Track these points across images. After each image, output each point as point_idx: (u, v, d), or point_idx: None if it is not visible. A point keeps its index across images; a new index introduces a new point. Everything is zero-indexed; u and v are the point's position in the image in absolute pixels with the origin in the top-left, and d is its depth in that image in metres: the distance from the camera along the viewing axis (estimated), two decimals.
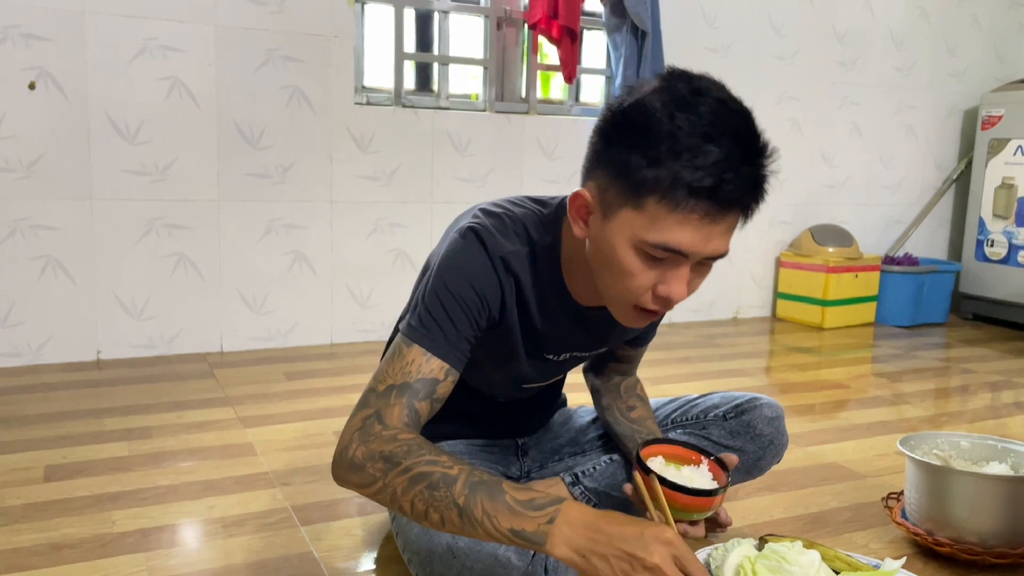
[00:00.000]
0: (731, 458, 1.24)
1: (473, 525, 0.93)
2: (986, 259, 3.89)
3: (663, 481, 1.14)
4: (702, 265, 1.04)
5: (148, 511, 1.57)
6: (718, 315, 3.78)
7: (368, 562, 1.40)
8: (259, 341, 2.87)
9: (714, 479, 1.22)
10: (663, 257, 0.99)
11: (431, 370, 1.07)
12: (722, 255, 1.02)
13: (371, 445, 1.01)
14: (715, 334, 3.48)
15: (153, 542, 1.44)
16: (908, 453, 1.49)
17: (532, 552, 1.17)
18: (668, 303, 1.03)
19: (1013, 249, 3.77)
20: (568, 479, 1.42)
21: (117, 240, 2.66)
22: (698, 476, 1.21)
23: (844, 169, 3.98)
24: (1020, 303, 3.73)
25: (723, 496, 1.17)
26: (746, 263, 3.80)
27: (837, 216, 3.95)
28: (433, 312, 1.09)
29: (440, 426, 1.43)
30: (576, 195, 1.06)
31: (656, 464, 1.21)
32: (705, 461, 1.25)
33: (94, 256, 2.63)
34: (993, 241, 3.86)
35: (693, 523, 1.17)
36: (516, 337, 1.22)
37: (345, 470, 1.05)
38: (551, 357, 1.29)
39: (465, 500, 0.93)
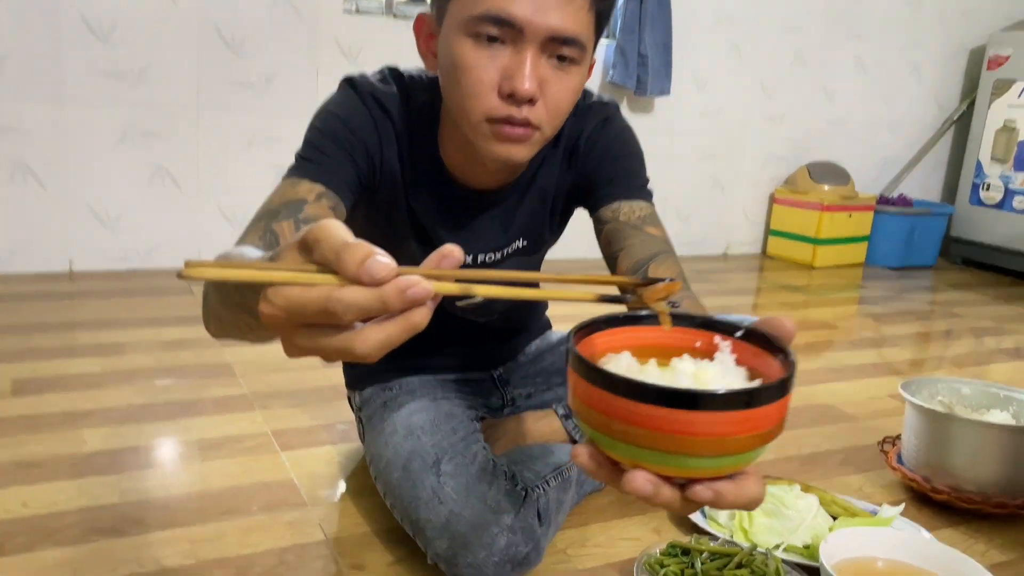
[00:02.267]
0: (781, 324, 0.57)
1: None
2: (980, 203, 3.84)
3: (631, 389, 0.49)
4: (554, 59, 0.95)
5: (121, 430, 1.50)
6: (708, 251, 3.72)
7: (349, 492, 1.35)
8: None
9: (752, 374, 0.56)
10: (497, 36, 0.92)
11: (296, 192, 0.97)
12: (570, 38, 0.93)
13: None
14: (704, 270, 3.43)
15: (125, 463, 1.38)
16: (910, 398, 1.45)
17: (523, 496, 1.12)
18: (515, 97, 0.94)
19: (1009, 194, 3.72)
20: (561, 411, 1.37)
21: (90, 146, 2.53)
22: (717, 374, 0.56)
23: (845, 105, 3.88)
24: (1012, 249, 3.70)
25: (787, 402, 0.51)
26: (739, 199, 3.72)
27: (835, 154, 3.86)
28: (306, 153, 1.02)
29: (405, 359, 1.36)
30: (417, 18, 1.03)
31: (615, 364, 0.56)
32: (727, 344, 0.58)
33: (66, 162, 2.51)
34: (989, 185, 3.80)
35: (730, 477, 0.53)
36: (400, 212, 1.14)
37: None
38: None
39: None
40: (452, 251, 0.50)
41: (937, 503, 1.41)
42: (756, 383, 0.55)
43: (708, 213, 3.62)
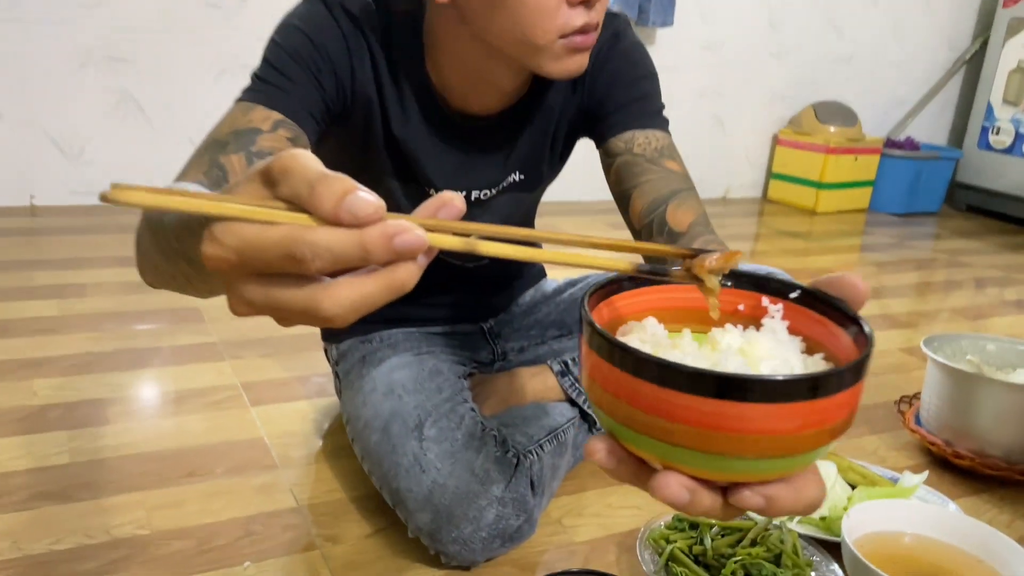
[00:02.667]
0: (850, 283, 0.46)
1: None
2: (989, 148, 3.70)
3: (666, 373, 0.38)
4: None
5: (75, 381, 1.38)
6: (707, 194, 3.57)
7: (324, 453, 1.23)
8: None
9: (810, 346, 0.47)
10: None
11: (249, 120, 0.83)
12: None
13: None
14: None
15: (79, 418, 1.26)
16: (933, 355, 1.34)
17: (515, 464, 1.00)
18: (589, 3, 0.85)
19: (1020, 138, 3.58)
20: (556, 367, 1.25)
21: (50, 71, 2.34)
22: (769, 348, 0.44)
23: (853, 42, 3.70)
24: (1020, 195, 3.58)
25: (861, 388, 0.41)
26: (740, 139, 3.57)
27: (841, 93, 3.69)
28: (262, 73, 0.89)
29: (386, 309, 1.24)
30: None
31: (640, 335, 0.47)
32: (777, 308, 0.47)
33: (24, 89, 2.33)
34: (999, 129, 3.65)
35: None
36: (378, 142, 1.00)
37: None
38: (433, 193, 1.05)
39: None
40: (452, 199, 0.39)
41: (959, 469, 1.32)
42: (818, 361, 0.45)
43: (708, 154, 3.47)
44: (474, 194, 1.08)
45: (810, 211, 3.48)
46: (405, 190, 1.06)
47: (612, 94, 1.04)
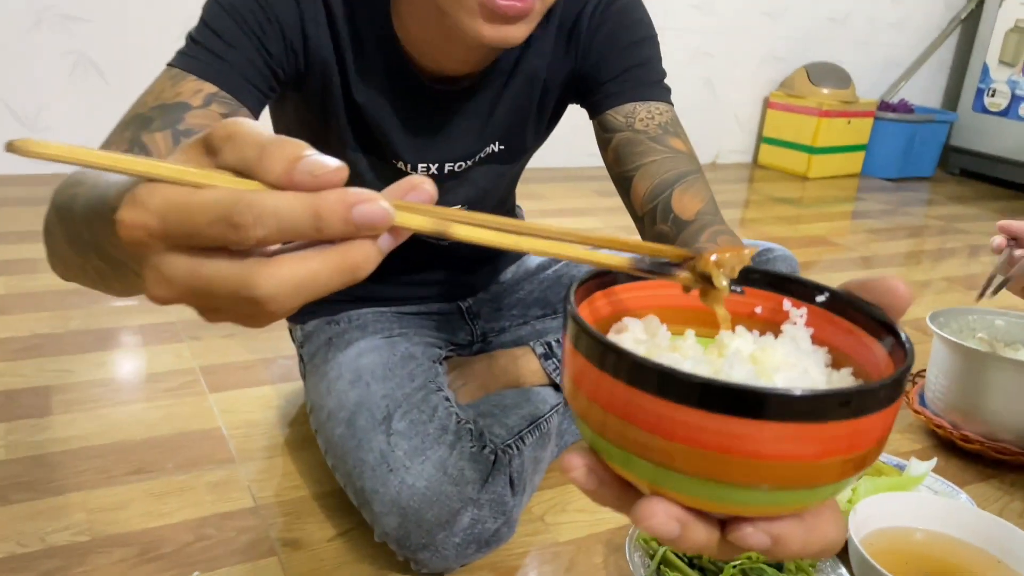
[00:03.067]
0: (889, 287, 0.40)
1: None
2: (984, 110, 3.60)
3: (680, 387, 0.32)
4: None
5: (18, 367, 1.27)
6: None
7: (286, 445, 1.14)
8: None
9: (837, 358, 0.40)
10: None
11: (177, 92, 0.72)
12: None
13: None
14: None
15: (19, 408, 1.16)
16: (939, 332, 1.25)
17: (492, 461, 0.91)
18: None
19: (1016, 100, 3.49)
20: (540, 349, 1.15)
21: (1, 33, 2.20)
22: (787, 357, 0.38)
23: (848, 0, 3.57)
24: (1016, 160, 3.49)
25: (896, 410, 0.34)
26: (731, 103, 3.45)
27: (835, 55, 3.58)
28: (198, 35, 0.77)
29: (356, 288, 1.14)
30: None
31: (635, 335, 0.40)
32: (801, 313, 0.41)
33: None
34: (995, 91, 3.56)
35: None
36: (338, 110, 0.89)
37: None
38: (402, 167, 0.94)
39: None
40: (423, 183, 0.33)
41: (966, 452, 1.24)
42: (845, 377, 0.38)
43: (697, 118, 3.35)
44: (447, 166, 0.97)
45: (802, 176, 3.38)
46: (370, 163, 0.95)
47: (609, 59, 0.92)
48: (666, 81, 0.93)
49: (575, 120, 1.02)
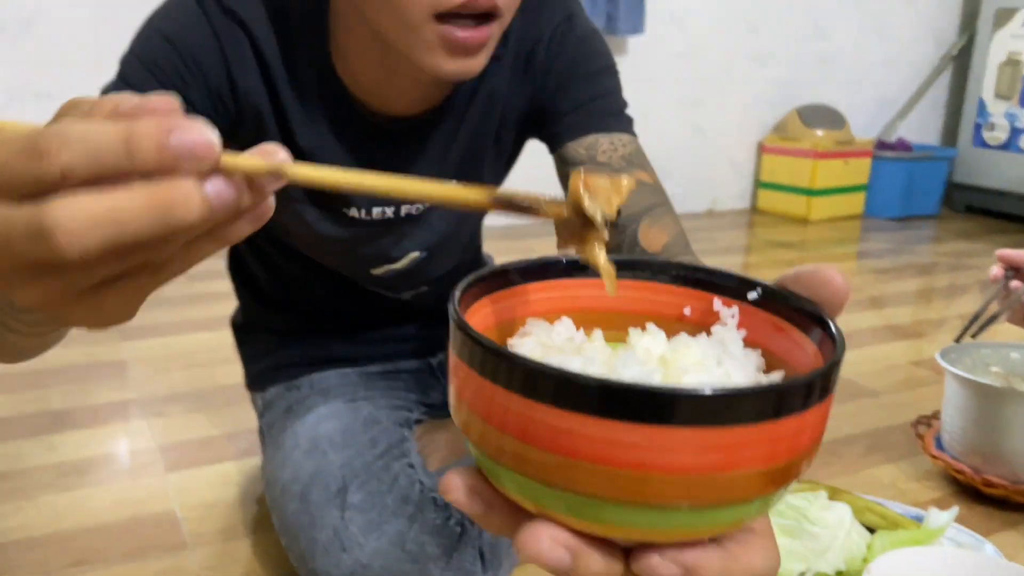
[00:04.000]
0: (824, 278, 0.34)
1: None
2: (984, 145, 3.54)
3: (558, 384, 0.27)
4: None
5: None
6: (691, 207, 3.41)
7: (242, 527, 1.04)
8: None
9: (773, 362, 0.35)
10: None
11: None
12: None
13: None
14: (688, 228, 3.06)
15: None
16: (951, 368, 1.16)
17: (459, 533, 0.82)
18: None
19: (1015, 133, 3.43)
20: None
21: None
22: (704, 360, 0.33)
23: (835, 41, 3.56)
24: (1020, 193, 3.41)
25: (827, 411, 0.30)
26: (724, 149, 3.41)
27: (826, 95, 3.54)
28: (113, 90, 0.71)
29: (317, 349, 1.06)
30: None
31: (536, 339, 0.35)
32: (732, 312, 0.36)
33: None
34: (993, 125, 3.50)
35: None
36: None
37: None
38: (356, 214, 0.87)
39: None
40: (276, 151, 0.30)
41: (990, 498, 1.14)
42: (776, 377, 0.34)
43: (690, 166, 3.31)
44: (403, 209, 0.90)
45: (802, 220, 3.31)
46: (321, 213, 0.88)
47: (568, 89, 0.86)
48: (627, 111, 0.86)
49: (539, 156, 0.95)
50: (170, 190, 0.27)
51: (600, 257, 0.33)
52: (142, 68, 0.72)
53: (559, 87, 0.86)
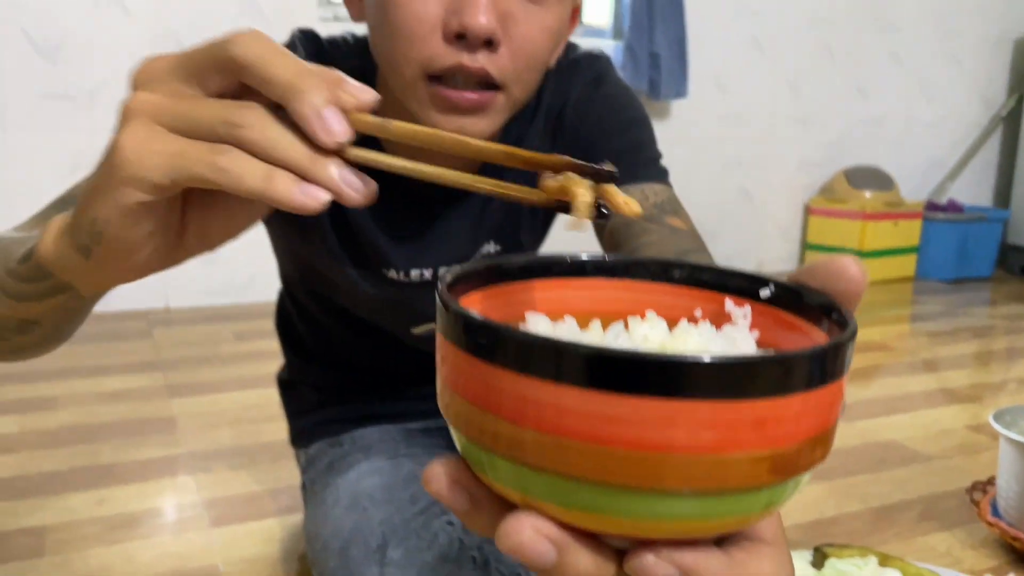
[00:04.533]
0: (839, 269, 0.31)
1: None
2: None
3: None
4: None
5: (18, 506, 1.22)
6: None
7: None
8: (209, 296, 2.50)
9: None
10: None
11: None
12: None
13: None
14: None
15: (12, 549, 1.10)
16: (1006, 432, 1.12)
17: None
18: (466, 37, 0.65)
19: None
20: None
21: (35, 179, 2.28)
22: (702, 349, 0.32)
23: (881, 104, 3.55)
24: None
25: (838, 392, 0.27)
26: (770, 210, 3.40)
27: (873, 157, 3.53)
28: None
29: (359, 406, 1.07)
30: None
31: (537, 327, 0.33)
32: (743, 311, 0.33)
33: (7, 199, 2.26)
34: None
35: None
36: (322, 224, 0.84)
37: None
38: (395, 275, 0.88)
39: None
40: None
41: None
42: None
43: (736, 227, 3.30)
44: (442, 270, 0.92)
45: None
46: (361, 275, 0.90)
47: (598, 145, 0.87)
48: (662, 162, 0.87)
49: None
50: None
51: (581, 202, 0.32)
52: None
53: (588, 144, 0.87)
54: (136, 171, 0.35)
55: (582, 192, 0.33)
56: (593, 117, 0.88)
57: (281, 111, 0.36)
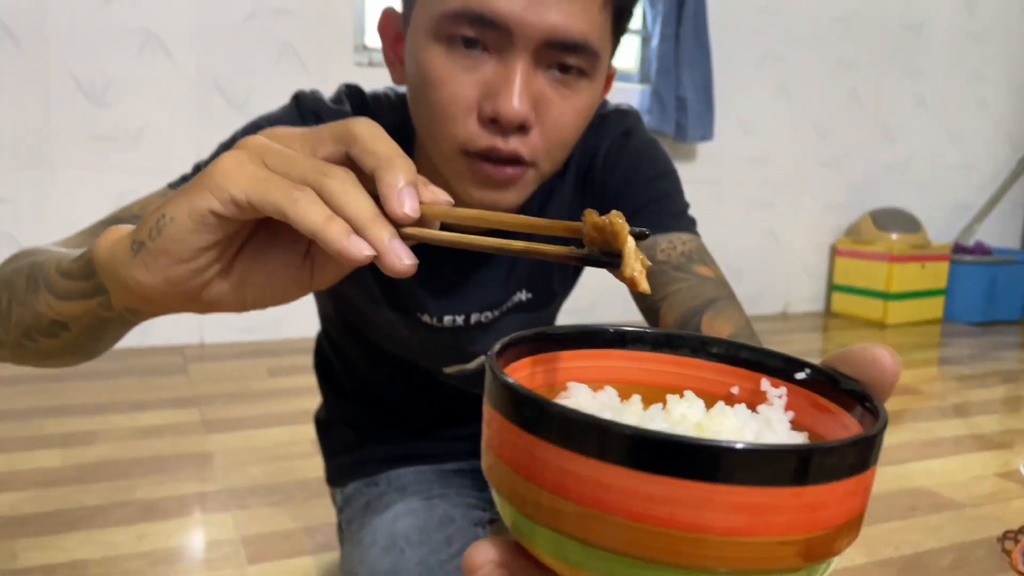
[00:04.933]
0: (873, 358, 0.32)
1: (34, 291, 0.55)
2: None
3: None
4: (555, 69, 0.70)
5: (61, 542, 1.25)
6: (765, 309, 3.40)
7: None
8: (243, 333, 2.55)
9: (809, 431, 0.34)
10: (479, 41, 0.68)
11: None
12: (576, 42, 0.68)
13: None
14: (762, 331, 3.08)
15: None
16: None
17: None
18: (499, 122, 0.68)
19: None
20: None
21: (81, 215, 2.35)
22: (745, 431, 0.32)
23: (908, 146, 3.57)
24: None
25: (867, 483, 0.29)
26: (796, 251, 3.41)
27: (899, 199, 3.54)
28: (204, 164, 0.77)
29: (395, 445, 1.10)
30: (383, 14, 0.79)
31: (574, 401, 0.34)
32: (780, 392, 0.34)
33: (56, 235, 2.33)
34: None
35: None
36: (364, 272, 0.87)
37: None
38: (429, 320, 0.91)
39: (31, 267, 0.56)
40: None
41: None
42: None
43: (763, 268, 3.31)
44: (474, 317, 0.95)
45: (879, 323, 3.25)
46: (397, 317, 0.93)
47: (626, 197, 0.90)
48: (690, 212, 0.90)
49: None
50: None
51: (633, 269, 0.34)
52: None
53: (616, 198, 0.90)
54: (221, 181, 0.39)
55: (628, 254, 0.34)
56: (621, 170, 0.91)
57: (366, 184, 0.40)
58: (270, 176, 0.39)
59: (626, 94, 2.95)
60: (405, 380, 1.06)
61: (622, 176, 0.90)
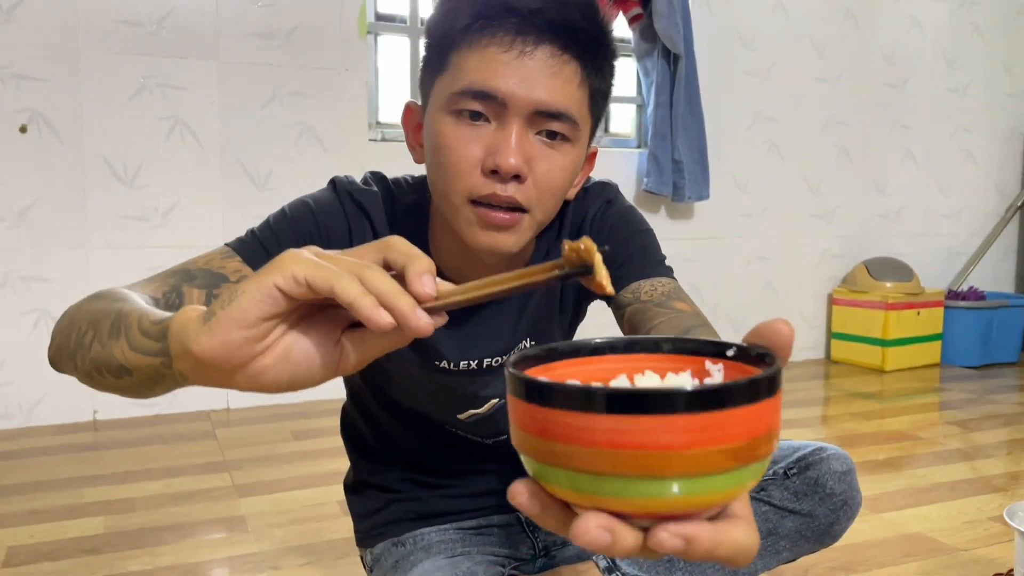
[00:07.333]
0: (773, 330, 0.46)
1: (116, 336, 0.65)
2: None
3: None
4: (543, 135, 0.87)
5: None
6: None
7: None
8: (266, 397, 2.65)
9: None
10: (482, 112, 0.86)
11: (224, 265, 0.86)
12: (559, 111, 0.86)
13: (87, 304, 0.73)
14: None
15: None
16: (1020, 528, 1.21)
17: None
18: (499, 172, 0.85)
19: None
20: (603, 563, 1.16)
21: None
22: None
23: (898, 198, 3.70)
24: None
25: (764, 410, 0.40)
26: (795, 301, 3.52)
27: (893, 248, 3.66)
28: (258, 230, 0.93)
29: (419, 504, 1.19)
30: (405, 108, 0.99)
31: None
32: (718, 368, 0.48)
33: None
34: None
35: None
36: None
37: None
38: (445, 365, 1.04)
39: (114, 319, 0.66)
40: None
41: None
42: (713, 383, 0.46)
43: (764, 318, 3.30)
44: (485, 361, 1.07)
45: (878, 369, 3.35)
46: (420, 362, 1.05)
47: (613, 252, 1.04)
48: (667, 263, 1.05)
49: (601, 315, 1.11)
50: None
51: (599, 275, 0.49)
52: (285, 221, 0.93)
53: (605, 253, 1.04)
54: (286, 264, 0.49)
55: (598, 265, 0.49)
56: (607, 230, 1.07)
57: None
58: (325, 265, 0.49)
59: (624, 158, 3.10)
60: (424, 434, 1.16)
61: (608, 235, 1.06)
